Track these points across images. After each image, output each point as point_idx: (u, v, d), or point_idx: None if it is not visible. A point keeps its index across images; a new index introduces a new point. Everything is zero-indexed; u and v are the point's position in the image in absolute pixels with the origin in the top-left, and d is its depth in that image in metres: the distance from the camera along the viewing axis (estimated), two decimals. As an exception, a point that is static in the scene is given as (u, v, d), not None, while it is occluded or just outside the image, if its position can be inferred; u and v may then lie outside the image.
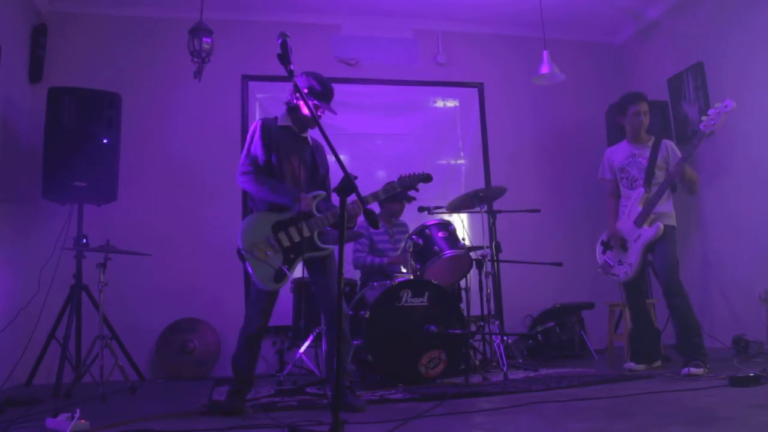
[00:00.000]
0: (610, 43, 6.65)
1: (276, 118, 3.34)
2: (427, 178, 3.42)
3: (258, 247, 3.06)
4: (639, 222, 4.00)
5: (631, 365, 4.09)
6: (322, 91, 3.22)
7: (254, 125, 3.29)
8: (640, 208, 4.01)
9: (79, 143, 4.49)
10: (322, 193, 3.32)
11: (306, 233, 3.15)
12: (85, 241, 4.39)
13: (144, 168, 5.33)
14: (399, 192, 3.45)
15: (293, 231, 3.13)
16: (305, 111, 3.21)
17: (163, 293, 5.18)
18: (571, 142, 6.27)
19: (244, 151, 3.26)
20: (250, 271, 3.05)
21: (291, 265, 3.11)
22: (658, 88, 5.80)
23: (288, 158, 3.24)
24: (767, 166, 4.79)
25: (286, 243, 3.12)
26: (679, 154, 4.03)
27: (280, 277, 3.05)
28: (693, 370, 3.58)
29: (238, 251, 3.06)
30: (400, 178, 3.40)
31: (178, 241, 5.30)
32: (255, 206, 3.26)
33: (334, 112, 3.26)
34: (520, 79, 6.07)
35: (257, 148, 3.21)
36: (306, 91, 3.19)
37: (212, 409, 3.08)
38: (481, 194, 4.54)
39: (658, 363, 4.17)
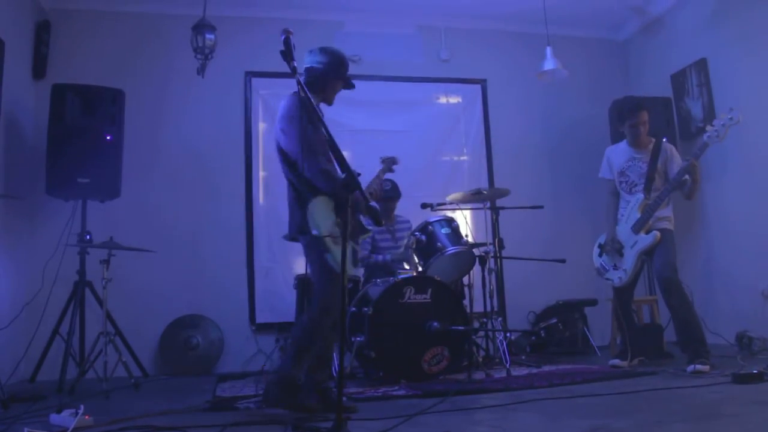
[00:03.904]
0: (614, 39, 6.63)
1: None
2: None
3: (334, 231, 2.88)
4: (637, 228, 3.98)
5: (616, 362, 4.11)
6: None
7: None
8: (638, 214, 3.99)
9: (83, 140, 4.50)
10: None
11: (355, 216, 3.04)
12: (88, 237, 4.40)
13: (147, 164, 5.33)
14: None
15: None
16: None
17: (167, 289, 5.18)
18: (575, 138, 6.24)
19: (298, 132, 2.91)
20: (329, 256, 2.85)
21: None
22: (661, 84, 5.78)
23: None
24: (771, 163, 4.77)
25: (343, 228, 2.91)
26: (678, 159, 4.00)
27: (355, 259, 3.05)
28: (699, 367, 3.57)
29: (317, 238, 2.85)
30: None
31: (181, 237, 5.31)
32: (308, 190, 2.96)
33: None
34: (523, 75, 6.05)
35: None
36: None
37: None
38: (484, 192, 4.54)
39: (636, 361, 4.14)
